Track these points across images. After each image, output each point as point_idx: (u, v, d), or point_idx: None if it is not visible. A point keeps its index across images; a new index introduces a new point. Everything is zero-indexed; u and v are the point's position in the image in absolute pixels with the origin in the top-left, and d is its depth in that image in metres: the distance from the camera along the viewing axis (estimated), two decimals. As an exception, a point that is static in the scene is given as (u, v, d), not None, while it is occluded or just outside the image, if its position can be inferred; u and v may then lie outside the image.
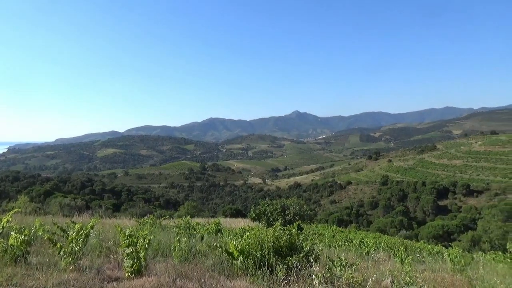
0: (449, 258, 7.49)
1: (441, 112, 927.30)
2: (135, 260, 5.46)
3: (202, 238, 8.64)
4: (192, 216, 31.97)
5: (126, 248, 5.59)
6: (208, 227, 10.77)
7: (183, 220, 10.26)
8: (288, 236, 6.40)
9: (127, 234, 5.79)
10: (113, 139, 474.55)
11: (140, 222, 10.95)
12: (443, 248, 18.69)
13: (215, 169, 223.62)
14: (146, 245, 5.67)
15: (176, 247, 6.51)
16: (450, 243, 36.87)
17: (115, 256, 6.38)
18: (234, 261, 6.08)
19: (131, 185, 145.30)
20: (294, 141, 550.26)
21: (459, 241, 37.16)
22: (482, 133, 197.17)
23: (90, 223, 6.14)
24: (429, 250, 14.17)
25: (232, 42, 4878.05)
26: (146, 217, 12.43)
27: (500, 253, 10.56)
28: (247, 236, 6.37)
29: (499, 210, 56.85)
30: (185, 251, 6.49)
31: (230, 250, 6.14)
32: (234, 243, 6.14)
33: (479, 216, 58.77)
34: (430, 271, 6.80)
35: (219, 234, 10.23)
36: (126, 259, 5.51)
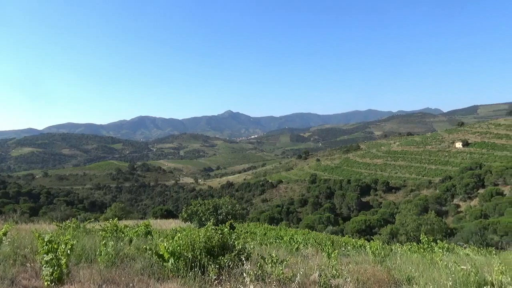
0: (370, 251, 8.01)
1: (364, 114, 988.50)
2: (56, 268, 5.07)
3: (130, 241, 8.30)
4: (120, 219, 30.50)
5: (45, 255, 5.17)
6: (137, 229, 10.38)
7: (110, 223, 9.75)
8: (220, 235, 6.39)
9: (46, 240, 5.36)
10: (30, 138, 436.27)
11: (61, 227, 10.21)
12: (365, 241, 19.96)
13: (145, 169, 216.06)
14: (68, 251, 5.30)
15: (102, 252, 6.17)
16: (371, 237, 39.47)
17: (32, 264, 5.88)
18: (164, 263, 5.92)
19: (51, 187, 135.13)
20: (226, 141, 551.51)
21: (380, 234, 39.90)
22: (399, 134, 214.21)
23: (3, 230, 5.58)
24: (353, 244, 15.03)
25: (163, 38, 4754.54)
26: (68, 221, 11.62)
27: (414, 244, 11.53)
28: (179, 237, 6.25)
29: (414, 205, 62.26)
30: (112, 255, 6.17)
31: (161, 252, 5.97)
32: (165, 244, 5.97)
33: (397, 211, 63.66)
34: (354, 263, 7.21)
35: (149, 236, 9.90)
36: (45, 267, 5.09)
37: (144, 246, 6.33)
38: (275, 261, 5.81)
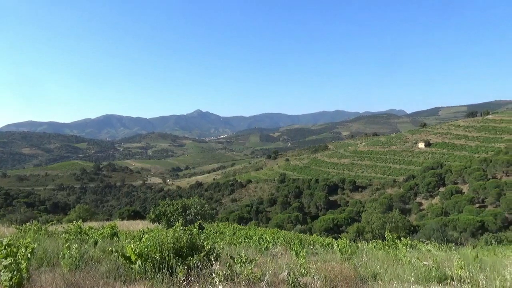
0: (338, 249, 8.17)
1: (332, 115, 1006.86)
2: (15, 273, 4.84)
3: (95, 243, 8.05)
4: (84, 220, 29.59)
5: (3, 260, 4.92)
6: (102, 231, 10.09)
7: (74, 225, 9.42)
8: (189, 236, 6.32)
9: (4, 243, 5.11)
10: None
11: (21, 229, 9.77)
12: (333, 239, 20.34)
13: (111, 169, 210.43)
14: (29, 255, 5.07)
15: (66, 255, 5.95)
16: (339, 235, 40.29)
17: (-11, 269, 5.57)
18: (131, 266, 5.78)
19: (10, 188, 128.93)
20: (196, 140, 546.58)
21: (347, 232, 40.80)
22: (366, 135, 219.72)
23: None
24: (321, 242, 15.27)
25: (131, 34, 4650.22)
26: (29, 223, 11.13)
27: (380, 241, 11.86)
28: (146, 239, 6.12)
29: (379, 203, 64.08)
30: (76, 259, 5.96)
31: (127, 254, 5.82)
32: (132, 246, 5.84)
33: (363, 209, 65.23)
34: (322, 261, 7.32)
35: (115, 238, 9.65)
36: (3, 272, 4.85)
37: (110, 248, 6.15)
38: (244, 260, 5.81)
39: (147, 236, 6.32)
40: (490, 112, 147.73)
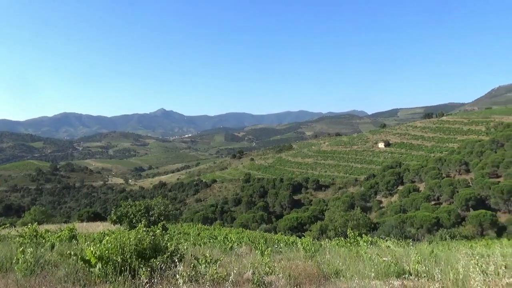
0: (302, 247, 8.29)
1: (296, 115, 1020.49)
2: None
3: (52, 246, 7.71)
4: (40, 223, 28.29)
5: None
6: (60, 234, 9.70)
7: (29, 228, 8.98)
8: (152, 237, 6.20)
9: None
10: None
11: (-30, 234, 9.19)
12: (297, 238, 20.63)
13: (69, 169, 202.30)
14: (-22, 261, 4.78)
15: (20, 259, 5.66)
16: (303, 233, 40.93)
17: None
18: (91, 269, 5.59)
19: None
20: (159, 140, 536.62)
21: (310, 230, 41.49)
22: (329, 135, 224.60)
23: None
24: (285, 241, 15.46)
25: (90, 29, 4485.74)
26: (-22, 227, 10.48)
27: (342, 239, 12.16)
28: (107, 241, 5.93)
29: (341, 202, 65.64)
30: (31, 263, 5.68)
31: (87, 257, 5.62)
32: (92, 249, 5.64)
33: (326, 208, 66.54)
34: (286, 259, 7.40)
35: (74, 241, 9.29)
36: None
37: (68, 252, 5.92)
38: (209, 261, 5.78)
39: (108, 238, 6.13)
40: (445, 114, 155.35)
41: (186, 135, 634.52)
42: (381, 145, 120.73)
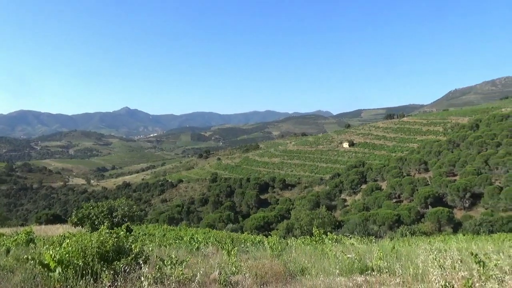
0: (268, 246, 8.34)
1: (263, 115, 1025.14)
2: None
3: (8, 251, 7.34)
4: (-6, 226, 26.85)
5: None
6: (16, 237, 9.24)
7: (-18, 232, 8.50)
8: (116, 239, 6.03)
9: None
10: None
11: None
12: (264, 237, 20.73)
13: (26, 170, 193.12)
14: None
15: (-29, 266, 5.35)
16: (269, 232, 41.20)
17: None
18: (50, 274, 5.35)
19: None
20: (123, 139, 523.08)
21: (277, 229, 41.80)
22: (295, 135, 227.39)
23: None
24: (252, 240, 15.48)
25: (50, 23, 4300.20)
26: None
27: (308, 237, 12.33)
28: (67, 244, 5.71)
29: (307, 201, 66.56)
30: (-17, 269, 5.38)
31: (46, 261, 5.38)
32: (51, 252, 5.40)
33: (292, 207, 67.27)
34: (253, 259, 7.42)
35: (32, 245, 8.88)
36: None
37: (26, 256, 5.65)
38: (174, 262, 5.69)
39: (68, 241, 5.90)
40: (405, 115, 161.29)
41: (152, 135, 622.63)
42: (345, 145, 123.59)
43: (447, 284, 4.16)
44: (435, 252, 6.08)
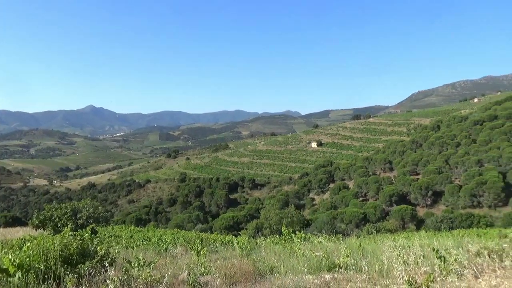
0: (238, 246, 8.34)
1: (232, 115, 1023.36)
2: None
3: (-38, 256, 6.93)
4: None
5: None
6: (-28, 241, 8.75)
7: None
8: (80, 241, 5.83)
9: None
10: None
11: None
12: (233, 237, 20.71)
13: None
14: None
15: None
16: (239, 232, 41.08)
17: None
18: (9, 279, 5.11)
19: None
20: (88, 138, 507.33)
21: (246, 229, 41.78)
22: (264, 134, 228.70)
23: None
24: (221, 240, 15.42)
25: (9, 17, 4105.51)
26: None
27: (277, 236, 12.44)
28: (28, 247, 5.47)
29: (276, 200, 67.06)
30: None
31: (5, 266, 5.13)
32: (10, 256, 5.16)
33: (262, 206, 67.53)
34: (222, 259, 7.39)
35: (-11, 249, 8.44)
36: None
37: (-18, 261, 5.35)
38: (142, 264, 5.58)
39: (29, 244, 5.65)
40: (371, 115, 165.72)
41: (118, 134, 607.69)
42: (314, 144, 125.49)
43: (410, 279, 4.31)
44: (399, 249, 6.29)
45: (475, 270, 4.95)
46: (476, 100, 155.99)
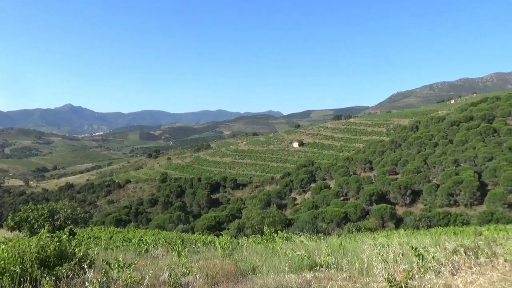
0: (219, 246, 8.29)
1: (214, 114, 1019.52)
2: None
3: None
4: None
5: None
6: None
7: None
8: (58, 243, 5.70)
9: None
10: None
11: None
12: (215, 237, 20.62)
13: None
14: None
15: None
16: (221, 232, 41.00)
17: None
18: (-17, 283, 4.95)
19: None
20: (66, 138, 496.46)
21: (228, 229, 41.69)
22: (246, 134, 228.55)
23: None
24: (203, 240, 15.34)
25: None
26: None
27: (259, 236, 12.45)
28: (3, 250, 5.31)
29: (258, 200, 67.15)
30: None
31: (-23, 270, 4.97)
32: (-17, 260, 5.00)
33: (244, 206, 67.57)
34: (204, 259, 7.35)
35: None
36: None
37: (-47, 265, 5.17)
38: (122, 265, 5.49)
39: (4, 246, 5.49)
40: (352, 116, 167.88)
41: (97, 133, 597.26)
42: (295, 144, 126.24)
43: (389, 277, 4.38)
44: (379, 247, 6.39)
45: (452, 267, 5.07)
46: (452, 101, 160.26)
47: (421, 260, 5.11)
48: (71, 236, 7.20)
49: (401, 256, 5.69)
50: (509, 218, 33.98)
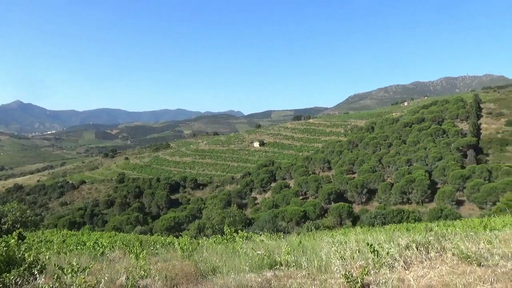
0: (179, 247, 8.16)
1: (174, 113, 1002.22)
2: None
3: None
4: None
5: None
6: None
7: None
8: (5, 248, 5.38)
9: None
10: None
11: None
12: (174, 238, 20.26)
13: None
14: None
15: None
16: (180, 233, 40.41)
17: None
18: None
19: None
20: (14, 136, 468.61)
21: (188, 230, 41.23)
22: (207, 134, 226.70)
23: None
24: (162, 242, 15.03)
25: None
26: None
27: (219, 236, 12.37)
28: None
29: (219, 200, 66.96)
30: None
31: None
32: None
33: (204, 206, 67.08)
34: (163, 261, 7.20)
35: None
36: None
37: None
38: (75, 270, 5.27)
39: None
40: (311, 116, 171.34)
41: (49, 132, 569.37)
42: (256, 144, 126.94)
43: (347, 273, 4.52)
44: (337, 245, 6.56)
45: (405, 262, 5.31)
46: (406, 103, 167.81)
47: (376, 256, 5.31)
48: (20, 241, 6.83)
49: (357, 252, 5.88)
50: (457, 214, 36.09)
